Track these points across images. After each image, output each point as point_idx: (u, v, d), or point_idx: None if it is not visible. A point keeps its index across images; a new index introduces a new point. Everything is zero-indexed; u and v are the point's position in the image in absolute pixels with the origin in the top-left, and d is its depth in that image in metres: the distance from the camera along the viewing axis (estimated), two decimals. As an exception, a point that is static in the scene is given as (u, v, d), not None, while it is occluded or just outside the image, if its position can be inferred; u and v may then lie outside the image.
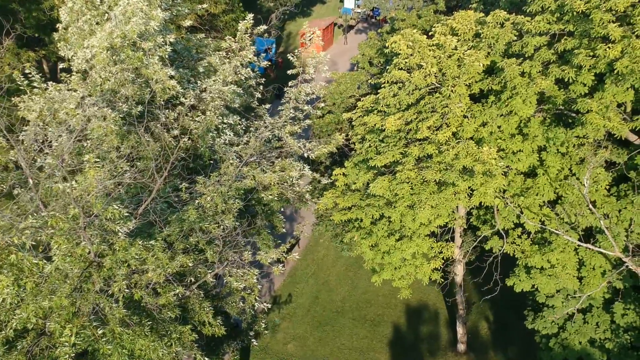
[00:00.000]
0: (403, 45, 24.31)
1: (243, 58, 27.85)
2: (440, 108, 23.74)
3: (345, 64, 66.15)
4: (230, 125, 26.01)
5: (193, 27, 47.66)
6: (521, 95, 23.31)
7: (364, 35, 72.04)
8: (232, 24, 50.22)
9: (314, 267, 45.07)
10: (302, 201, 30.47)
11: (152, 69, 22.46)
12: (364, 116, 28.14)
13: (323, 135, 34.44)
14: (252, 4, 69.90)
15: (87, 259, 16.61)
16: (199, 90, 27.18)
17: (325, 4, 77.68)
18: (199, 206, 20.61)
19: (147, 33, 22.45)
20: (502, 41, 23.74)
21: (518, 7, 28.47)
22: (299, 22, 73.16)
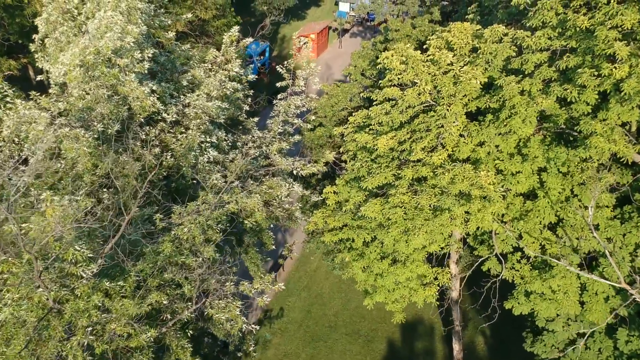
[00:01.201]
0: (396, 61, 22.62)
1: (229, 71, 26.16)
2: (435, 128, 22.09)
3: (339, 68, 64.43)
4: (213, 143, 24.33)
5: (183, 33, 46.01)
6: (520, 115, 21.68)
7: (359, 38, 70.31)
8: (224, 29, 48.38)
9: (307, 279, 43.46)
10: (292, 219, 28.85)
11: (129, 87, 20.76)
12: (356, 132, 26.52)
13: (314, 148, 32.80)
14: (246, 7, 68.19)
15: (46, 305, 14.99)
16: (181, 106, 25.50)
17: (320, 7, 75.93)
18: (175, 238, 18.95)
19: (124, 49, 20.76)
20: (501, 57, 22.06)
21: (516, 18, 26.80)
22: (294, 25, 71.43)
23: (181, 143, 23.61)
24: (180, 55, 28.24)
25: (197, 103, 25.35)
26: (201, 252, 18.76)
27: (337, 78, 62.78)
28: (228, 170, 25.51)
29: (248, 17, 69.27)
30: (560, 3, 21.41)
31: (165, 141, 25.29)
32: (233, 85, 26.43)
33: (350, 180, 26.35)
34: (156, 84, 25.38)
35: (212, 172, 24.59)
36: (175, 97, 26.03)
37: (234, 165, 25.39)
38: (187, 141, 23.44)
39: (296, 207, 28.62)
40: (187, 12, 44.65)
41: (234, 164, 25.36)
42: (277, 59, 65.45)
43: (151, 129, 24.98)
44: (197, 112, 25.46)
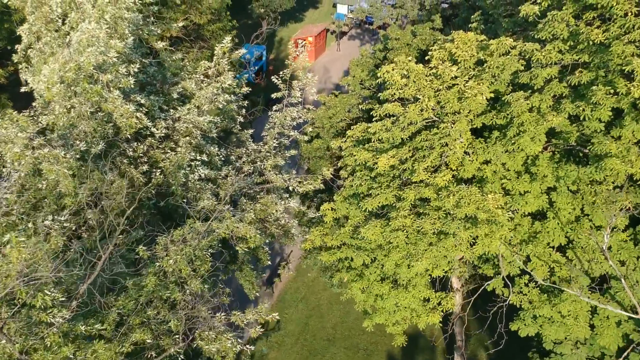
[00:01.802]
0: (397, 75, 21.07)
1: (221, 83, 24.59)
2: (439, 146, 20.56)
3: (337, 72, 62.85)
4: (204, 161, 22.79)
5: (177, 38, 44.40)
6: (529, 133, 20.16)
7: (357, 41, 68.69)
8: (220, 33, 46.78)
9: (304, 290, 41.92)
10: (288, 237, 27.36)
11: (113, 104, 19.22)
12: (355, 146, 25.03)
13: (312, 159, 31.25)
14: (242, 9, 66.51)
15: (12, 356, 13.49)
16: (171, 121, 23.96)
17: (317, 9, 74.25)
18: (159, 270, 17.42)
19: (107, 64, 19.22)
20: (508, 71, 20.55)
21: (523, 27, 25.26)
22: (291, 27, 69.78)
23: (170, 161, 22.07)
24: (171, 65, 26.67)
25: (187, 117, 23.80)
26: (188, 284, 17.24)
27: (335, 82, 61.21)
28: (220, 188, 23.97)
29: (245, 20, 67.60)
30: (571, 15, 19.88)
31: (154, 157, 23.76)
32: (226, 97, 24.88)
33: (349, 197, 24.84)
34: (144, 97, 23.84)
35: (203, 191, 23.04)
36: (165, 111, 24.48)
37: (226, 183, 23.86)
38: (176, 159, 21.90)
39: (292, 224, 27.12)
40: (181, 16, 43.12)
41: (227, 182, 23.82)
42: (274, 62, 63.84)
43: (139, 145, 23.44)
44: (188, 126, 23.91)
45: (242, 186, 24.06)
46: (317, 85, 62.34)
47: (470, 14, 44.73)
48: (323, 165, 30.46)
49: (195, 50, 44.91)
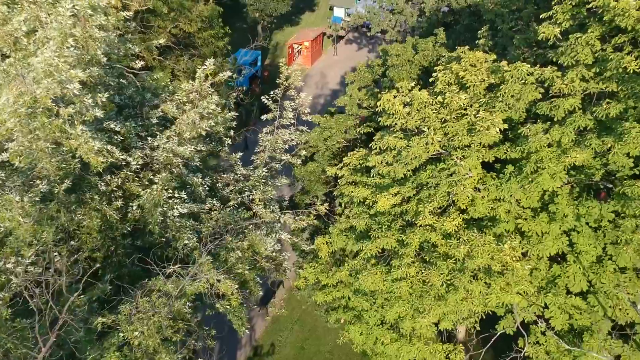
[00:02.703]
0: (398, 104, 18.33)
1: (204, 109, 21.79)
2: (446, 185, 17.83)
3: (335, 77, 60.04)
4: (182, 199, 20.02)
5: (167, 47, 41.57)
6: (549, 170, 17.44)
7: (354, 45, 65.82)
8: (212, 40, 43.95)
9: (300, 311, 39.17)
10: (280, 272, 24.62)
11: (76, 142, 16.46)
12: (352, 174, 22.36)
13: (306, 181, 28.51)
14: (237, 12, 63.62)
15: None
16: (149, 149, 21.19)
17: (314, 12, 71.30)
18: (123, 343, 14.71)
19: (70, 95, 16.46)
20: (525, 101, 17.81)
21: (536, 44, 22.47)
22: (287, 31, 66.88)
23: (146, 198, 19.33)
24: (151, 85, 23.87)
25: (167, 146, 21.03)
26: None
27: (332, 87, 58.45)
28: (203, 224, 21.22)
29: (240, 23, 64.71)
30: (597, 38, 17.12)
31: (130, 190, 21.01)
32: (209, 123, 22.09)
33: (346, 230, 22.16)
34: (120, 124, 21.05)
35: (183, 229, 20.29)
36: (143, 139, 21.70)
37: (210, 219, 21.13)
38: (151, 197, 19.16)
39: (284, 257, 24.39)
40: (170, 24, 40.32)
41: (211, 217, 21.09)
42: (269, 68, 60.98)
43: (113, 178, 20.67)
44: (168, 155, 21.15)
45: (228, 222, 21.31)
46: (314, 91, 59.55)
47: (472, 20, 41.97)
48: (318, 190, 27.73)
49: (185, 59, 42.09)
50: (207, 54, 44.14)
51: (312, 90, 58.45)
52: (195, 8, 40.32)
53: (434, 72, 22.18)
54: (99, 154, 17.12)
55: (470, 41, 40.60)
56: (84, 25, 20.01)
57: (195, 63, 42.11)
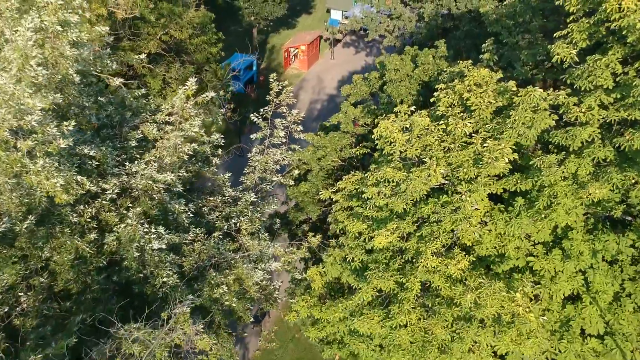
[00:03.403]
0: (397, 132, 16.32)
1: (186, 132, 19.79)
2: (450, 223, 15.84)
3: (332, 81, 57.97)
4: (159, 234, 18.03)
5: (157, 54, 39.50)
6: (564, 206, 15.47)
7: (352, 49, 63.71)
8: (204, 46, 41.81)
9: (295, 329, 37.22)
10: (270, 301, 22.68)
11: (36, 178, 14.46)
12: (347, 199, 20.41)
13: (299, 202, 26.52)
14: (233, 15, 61.48)
15: None
16: (126, 176, 19.21)
17: (311, 15, 69.13)
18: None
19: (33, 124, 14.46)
20: (537, 129, 15.80)
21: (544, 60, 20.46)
22: (284, 34, 64.75)
23: (120, 233, 17.37)
24: (132, 102, 21.87)
25: (145, 173, 19.05)
26: None
27: (329, 92, 56.40)
28: (185, 257, 19.25)
29: (235, 26, 62.59)
30: (618, 60, 15.10)
31: (106, 220, 19.05)
32: (193, 147, 20.10)
33: (341, 261, 20.20)
34: (95, 148, 19.08)
35: (162, 264, 18.32)
36: (120, 164, 19.69)
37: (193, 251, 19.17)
38: (125, 232, 17.19)
39: (275, 287, 22.46)
40: (160, 31, 38.20)
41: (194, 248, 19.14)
42: (265, 72, 58.90)
43: (86, 208, 18.70)
44: (148, 182, 19.18)
45: (212, 254, 19.34)
46: (311, 96, 57.49)
47: (472, 26, 39.88)
48: (312, 211, 25.75)
49: (177, 66, 39.99)
50: (199, 60, 42.10)
51: (309, 95, 56.44)
52: (186, 14, 38.19)
53: (435, 92, 20.22)
54: (64, 188, 15.11)
55: (471, 48, 38.59)
56: (53, 43, 17.99)
57: (187, 70, 40.09)
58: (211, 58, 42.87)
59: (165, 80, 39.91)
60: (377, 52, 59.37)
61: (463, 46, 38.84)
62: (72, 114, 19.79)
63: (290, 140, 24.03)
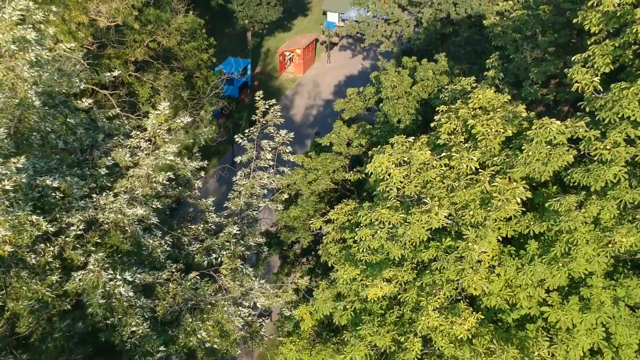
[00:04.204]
0: (393, 168, 14.07)
1: (160, 159, 17.51)
2: (455, 273, 13.60)
3: (328, 85, 55.64)
4: (125, 280, 15.75)
5: (144, 62, 37.17)
6: (585, 254, 13.24)
7: (348, 52, 61.35)
8: (194, 53, 39.46)
9: None
10: (256, 340, 20.47)
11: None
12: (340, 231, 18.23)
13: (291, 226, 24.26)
14: (227, 18, 59.13)
15: None
16: (92, 211, 16.95)
17: (307, 17, 66.71)
18: None
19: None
20: (554, 166, 13.56)
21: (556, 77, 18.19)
22: (279, 37, 62.35)
23: (81, 279, 15.14)
24: (105, 124, 19.61)
25: (114, 207, 16.79)
26: None
27: (325, 98, 54.05)
28: (159, 300, 17.01)
29: (230, 29, 60.27)
30: (649, 87, 12.85)
31: (70, 258, 16.80)
32: (169, 175, 17.82)
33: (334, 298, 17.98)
34: (59, 178, 16.81)
35: (132, 310, 16.08)
36: (88, 195, 17.41)
37: (167, 292, 16.95)
38: (87, 279, 14.96)
39: (261, 324, 20.26)
40: (147, 38, 35.83)
41: (169, 289, 16.91)
42: (259, 76, 56.61)
43: (47, 246, 16.44)
44: (117, 216, 16.92)
45: (188, 297, 17.10)
46: (306, 102, 55.13)
47: (473, 32, 37.60)
48: (303, 237, 23.52)
49: (166, 73, 37.64)
50: (190, 66, 39.80)
51: (305, 100, 54.13)
52: (174, 21, 35.83)
53: (435, 110, 18.00)
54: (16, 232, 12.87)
55: (471, 55, 36.33)
56: (8, 64, 15.73)
57: (176, 77, 37.78)
58: (202, 64, 40.54)
59: (154, 88, 37.64)
60: (374, 55, 57.04)
61: (463, 53, 36.56)
62: (35, 140, 17.56)
63: (279, 161, 21.80)
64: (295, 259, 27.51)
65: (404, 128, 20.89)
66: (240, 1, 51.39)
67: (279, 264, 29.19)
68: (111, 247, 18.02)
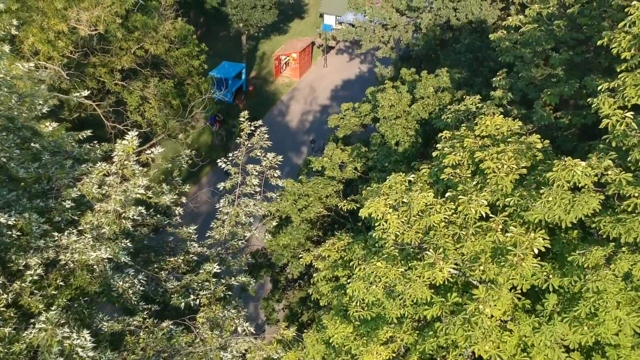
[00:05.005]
0: (389, 212, 11.90)
1: (129, 193, 15.34)
2: (463, 339, 11.45)
3: (324, 91, 53.42)
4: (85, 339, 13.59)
5: (131, 70, 35.02)
6: (615, 319, 11.10)
7: (345, 55, 59.10)
8: (185, 59, 37.26)
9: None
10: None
11: None
12: (332, 269, 16.12)
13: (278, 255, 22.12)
14: (222, 22, 56.84)
15: None
16: (53, 252, 14.80)
17: (303, 20, 64.40)
18: None
19: None
20: (578, 214, 11.39)
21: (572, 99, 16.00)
22: (275, 40, 60.09)
23: (33, 339, 13.00)
24: (73, 150, 17.45)
25: (77, 247, 14.63)
26: None
27: (322, 103, 51.86)
28: (128, 352, 14.86)
29: (225, 32, 57.98)
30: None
31: (28, 306, 14.64)
32: (138, 210, 15.66)
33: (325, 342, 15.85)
34: (16, 214, 14.68)
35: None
36: (48, 233, 15.25)
37: (138, 343, 14.79)
38: (39, 338, 12.83)
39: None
40: (134, 45, 33.67)
41: (138, 342, 14.75)
42: (255, 81, 54.38)
43: (1, 293, 14.28)
44: (81, 257, 14.77)
45: (161, 349, 14.96)
46: (302, 107, 52.84)
47: (473, 39, 35.30)
48: (294, 267, 21.38)
49: (155, 81, 35.46)
50: (180, 73, 37.63)
51: (301, 105, 51.93)
52: (161, 27, 33.62)
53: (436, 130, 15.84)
54: None
55: (472, 63, 34.07)
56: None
57: (166, 85, 35.62)
58: (193, 71, 38.36)
59: (144, 97, 35.48)
60: (372, 59, 54.81)
61: (464, 60, 34.30)
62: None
63: (267, 186, 19.64)
64: (287, 284, 25.41)
65: (403, 152, 18.71)
66: (234, 4, 49.15)
67: (270, 286, 27.17)
68: (77, 288, 15.89)
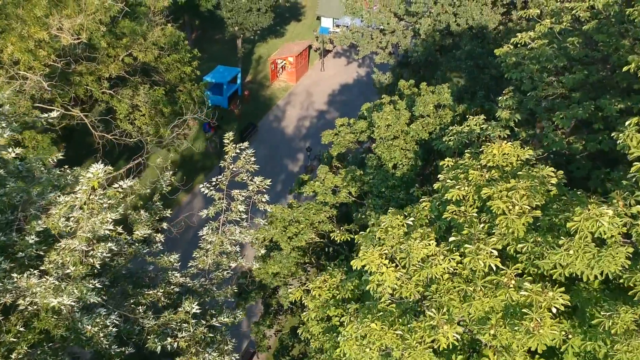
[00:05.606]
0: (386, 265, 10.19)
1: (97, 230, 13.63)
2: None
3: (321, 95, 51.66)
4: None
5: (119, 78, 33.26)
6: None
7: (343, 59, 57.31)
8: (177, 66, 35.49)
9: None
10: None
11: None
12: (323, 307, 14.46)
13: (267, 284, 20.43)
14: (218, 25, 55.01)
15: None
16: (11, 296, 13.10)
17: (300, 22, 62.55)
18: None
19: None
20: (603, 270, 9.68)
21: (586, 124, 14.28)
22: (271, 43, 58.30)
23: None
24: (41, 177, 15.70)
25: (38, 291, 12.92)
26: None
27: (318, 108, 50.10)
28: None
29: (220, 35, 56.17)
30: None
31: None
32: (107, 246, 13.97)
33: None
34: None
35: None
36: (6, 275, 13.54)
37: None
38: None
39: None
40: (122, 52, 31.89)
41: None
42: (250, 85, 52.60)
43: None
44: (42, 301, 13.08)
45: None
46: (299, 112, 51.03)
47: (474, 45, 33.56)
48: (283, 296, 19.68)
49: (146, 88, 33.70)
50: (172, 80, 35.87)
51: (297, 110, 50.18)
52: (151, 34, 31.83)
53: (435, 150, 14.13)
54: None
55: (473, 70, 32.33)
56: None
57: (157, 92, 33.87)
58: (185, 77, 36.59)
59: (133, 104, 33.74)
60: (370, 63, 53.00)
61: (464, 67, 32.58)
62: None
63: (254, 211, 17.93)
64: (278, 308, 23.69)
65: (401, 176, 16.98)
66: (229, 8, 47.34)
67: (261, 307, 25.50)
68: (41, 332, 14.22)
